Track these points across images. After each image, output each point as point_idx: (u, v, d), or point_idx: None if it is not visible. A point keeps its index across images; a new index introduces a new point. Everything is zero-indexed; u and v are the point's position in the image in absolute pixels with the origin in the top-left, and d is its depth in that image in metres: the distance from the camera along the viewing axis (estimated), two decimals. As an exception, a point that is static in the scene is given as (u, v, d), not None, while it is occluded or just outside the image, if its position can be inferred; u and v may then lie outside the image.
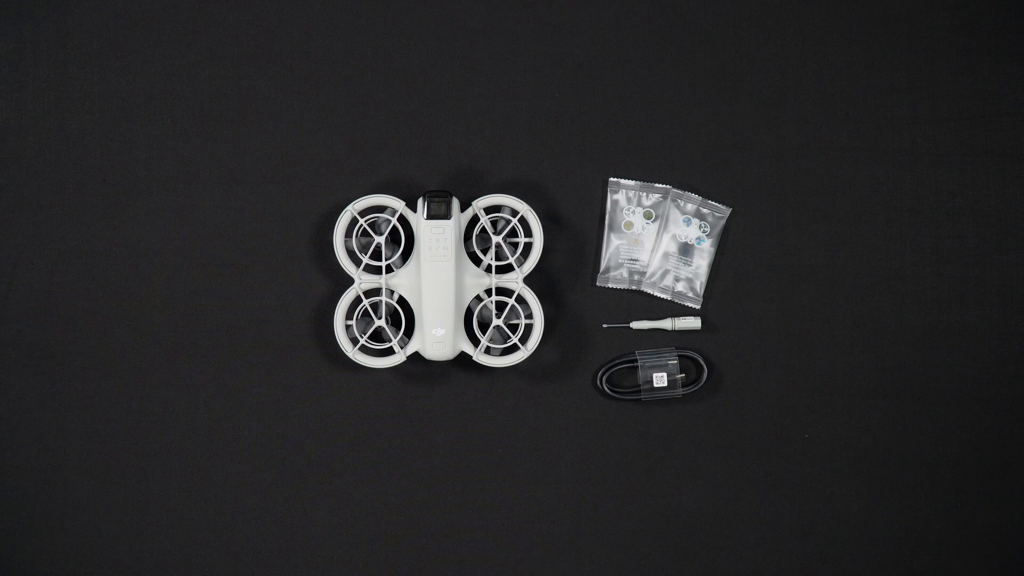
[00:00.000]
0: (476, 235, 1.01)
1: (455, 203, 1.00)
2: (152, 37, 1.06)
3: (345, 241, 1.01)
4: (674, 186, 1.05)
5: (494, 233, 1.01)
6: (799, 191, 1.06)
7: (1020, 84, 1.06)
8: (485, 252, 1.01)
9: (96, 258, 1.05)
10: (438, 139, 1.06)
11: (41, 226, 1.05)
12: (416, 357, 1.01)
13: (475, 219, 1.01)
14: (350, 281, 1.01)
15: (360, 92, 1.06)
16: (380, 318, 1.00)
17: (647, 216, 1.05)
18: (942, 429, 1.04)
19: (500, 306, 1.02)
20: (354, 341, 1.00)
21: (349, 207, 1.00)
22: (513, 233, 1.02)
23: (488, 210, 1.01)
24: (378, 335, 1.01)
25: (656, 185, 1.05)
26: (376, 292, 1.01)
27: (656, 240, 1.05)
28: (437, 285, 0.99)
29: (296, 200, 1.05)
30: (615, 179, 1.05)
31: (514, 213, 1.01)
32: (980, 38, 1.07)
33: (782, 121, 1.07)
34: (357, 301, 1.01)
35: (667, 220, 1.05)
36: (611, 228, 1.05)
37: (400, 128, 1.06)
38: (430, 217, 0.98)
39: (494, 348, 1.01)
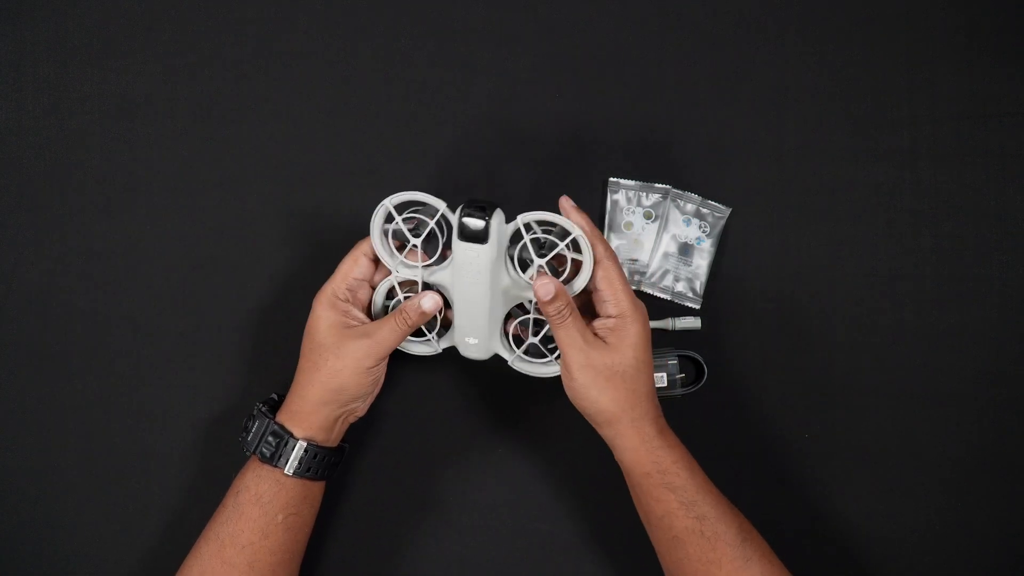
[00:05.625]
0: (521, 245, 0.90)
1: (495, 222, 0.86)
2: (152, 37, 1.06)
3: (383, 230, 0.92)
4: (674, 186, 1.05)
5: (537, 255, 0.89)
6: (799, 191, 1.06)
7: (1020, 84, 1.06)
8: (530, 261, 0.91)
9: (96, 258, 1.05)
10: (438, 139, 1.06)
11: (41, 226, 1.05)
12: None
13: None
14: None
15: (360, 92, 1.06)
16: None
17: (647, 216, 1.05)
18: (942, 429, 1.04)
19: (538, 321, 0.95)
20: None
21: (387, 201, 0.89)
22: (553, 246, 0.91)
23: (534, 222, 0.90)
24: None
25: (656, 185, 1.05)
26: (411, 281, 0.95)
27: (656, 240, 1.05)
28: (470, 303, 0.92)
29: (296, 200, 1.05)
30: (615, 179, 1.05)
31: (563, 234, 0.89)
32: (980, 38, 1.07)
33: (782, 121, 1.07)
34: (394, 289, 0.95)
35: (667, 220, 1.05)
36: (611, 228, 1.05)
37: (400, 128, 1.06)
38: (464, 238, 0.87)
39: (527, 357, 0.96)
